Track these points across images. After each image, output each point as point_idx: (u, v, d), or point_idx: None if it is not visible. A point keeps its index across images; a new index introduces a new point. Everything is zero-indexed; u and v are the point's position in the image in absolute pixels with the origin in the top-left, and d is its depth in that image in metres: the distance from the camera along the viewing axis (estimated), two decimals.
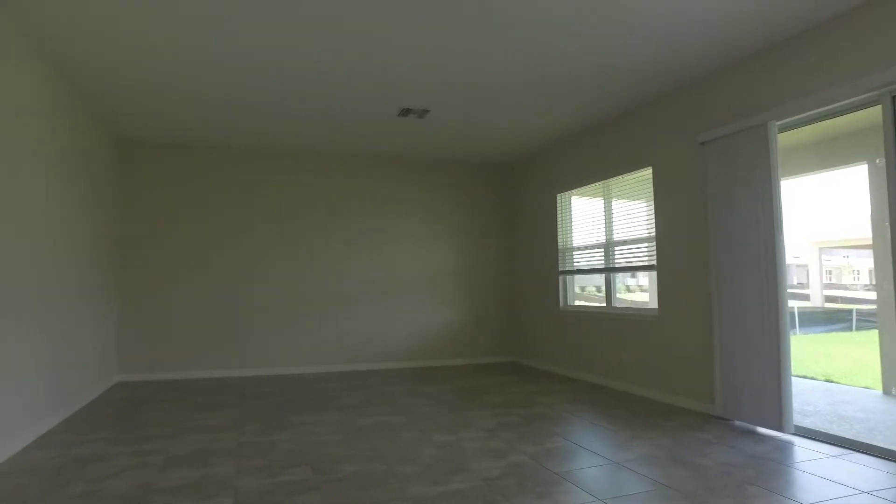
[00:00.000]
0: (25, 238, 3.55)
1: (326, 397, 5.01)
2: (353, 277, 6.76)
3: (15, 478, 2.93)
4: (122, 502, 2.57)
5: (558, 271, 6.43)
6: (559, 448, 3.40)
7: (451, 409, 4.52)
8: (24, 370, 3.55)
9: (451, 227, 7.29)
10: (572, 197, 6.30)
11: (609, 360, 5.46)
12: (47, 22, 3.37)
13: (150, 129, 5.64)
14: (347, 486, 2.76)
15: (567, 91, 4.70)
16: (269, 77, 4.30)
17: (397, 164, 7.09)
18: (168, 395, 5.14)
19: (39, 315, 3.79)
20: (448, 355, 7.14)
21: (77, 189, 4.61)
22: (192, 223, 6.21)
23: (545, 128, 5.79)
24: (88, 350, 4.90)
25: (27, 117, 3.59)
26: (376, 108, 5.09)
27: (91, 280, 4.99)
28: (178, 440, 3.60)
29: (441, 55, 3.94)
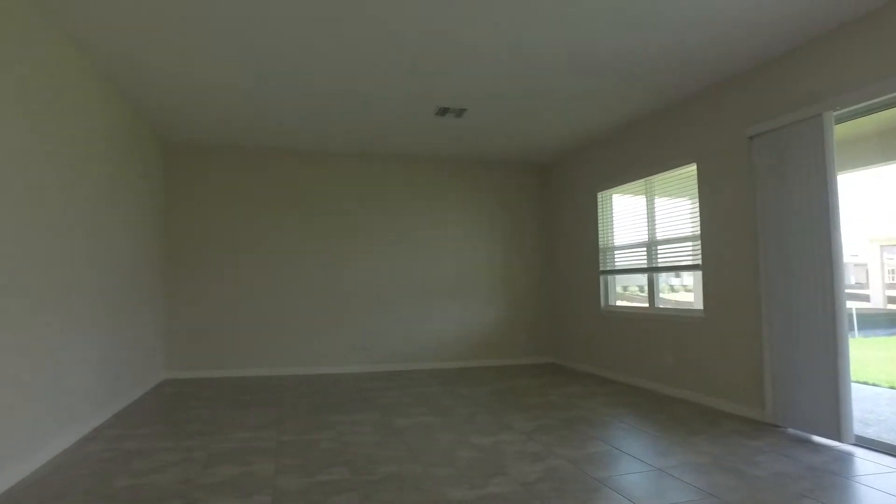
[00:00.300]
0: (79, 238, 3.71)
1: (365, 397, 5.04)
2: (392, 277, 6.80)
3: (70, 469, 3.05)
4: (165, 497, 2.64)
5: (599, 271, 6.29)
6: (599, 453, 3.31)
7: (488, 410, 4.48)
8: (79, 366, 3.71)
9: (489, 227, 7.23)
10: (613, 195, 6.15)
11: (651, 361, 5.30)
12: (98, 34, 3.50)
13: (193, 132, 5.81)
14: (384, 488, 2.76)
15: (609, 87, 4.58)
16: (305, 78, 4.35)
17: (435, 163, 7.08)
18: (212, 392, 5.27)
19: (92, 313, 3.95)
20: (486, 356, 7.09)
21: (125, 191, 4.79)
22: (234, 224, 6.36)
23: (585, 125, 5.67)
24: (137, 348, 5.08)
25: (78, 124, 3.74)
26: (413, 108, 5.09)
27: (139, 279, 5.17)
28: (220, 437, 3.68)
29: (480, 52, 3.90)
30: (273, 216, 6.48)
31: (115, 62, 3.96)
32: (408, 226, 6.91)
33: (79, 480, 2.89)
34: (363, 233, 6.75)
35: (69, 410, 3.56)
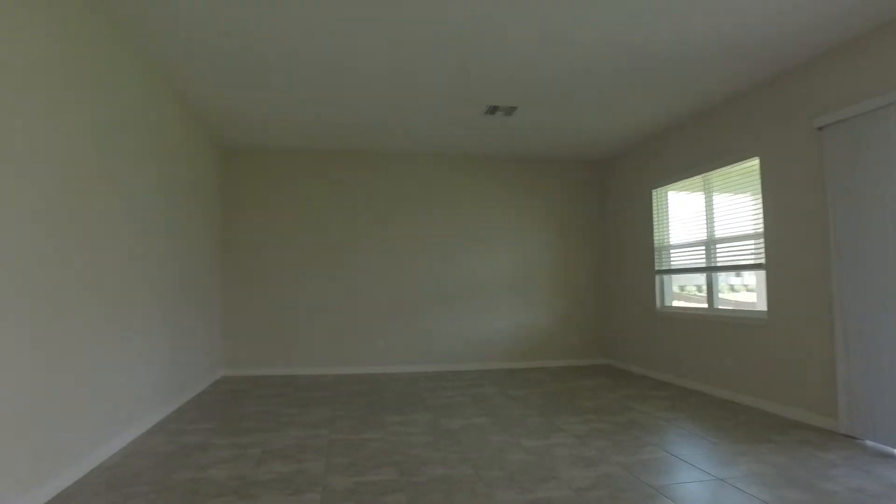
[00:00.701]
0: (145, 241, 3.89)
1: (417, 397, 5.06)
2: (444, 277, 6.81)
3: (136, 460, 3.20)
4: (221, 492, 2.72)
5: (654, 270, 6.09)
6: (655, 459, 3.19)
7: (541, 412, 4.41)
8: (146, 363, 3.89)
9: (541, 226, 7.13)
10: (669, 192, 5.94)
11: (710, 364, 5.08)
12: (161, 45, 3.66)
13: (250, 137, 5.99)
14: (433, 490, 2.75)
15: (666, 80, 4.42)
16: (357, 81, 4.40)
17: (485, 162, 7.04)
18: (267, 390, 5.43)
19: (157, 312, 4.14)
20: (539, 356, 6.99)
21: (187, 195, 4.99)
22: (289, 225, 6.53)
23: (640, 120, 5.50)
24: (197, 346, 5.29)
25: (143, 131, 3.92)
26: (463, 107, 5.07)
27: (199, 280, 5.39)
28: (274, 434, 3.78)
29: (531, 49, 3.84)
30: (326, 217, 6.61)
31: (178, 72, 4.13)
32: (460, 225, 6.90)
33: (143, 472, 3.03)
34: (416, 233, 6.78)
35: (136, 405, 3.74)
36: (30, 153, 2.52)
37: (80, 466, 2.94)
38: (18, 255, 2.42)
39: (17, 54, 2.43)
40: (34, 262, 2.54)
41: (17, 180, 2.42)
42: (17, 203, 2.42)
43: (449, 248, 6.86)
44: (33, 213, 2.54)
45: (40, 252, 2.59)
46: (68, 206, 2.86)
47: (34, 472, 2.54)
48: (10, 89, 2.38)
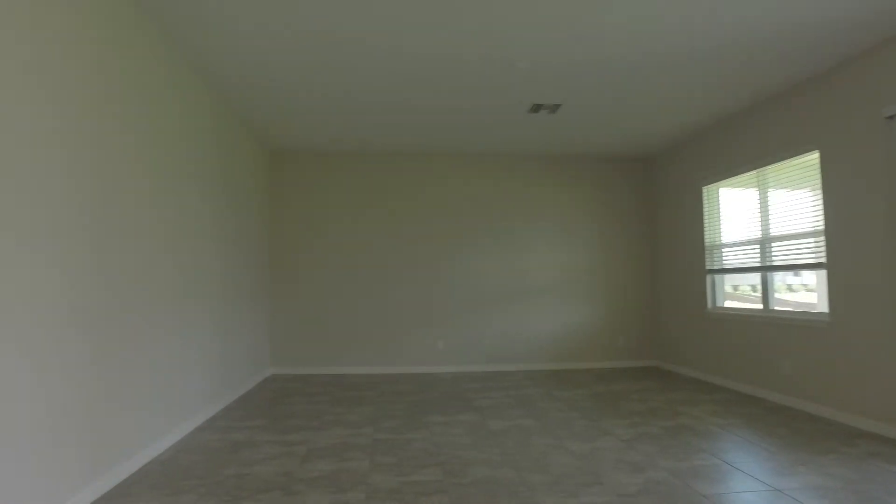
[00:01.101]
0: (196, 240, 4.03)
1: (462, 398, 5.05)
2: (489, 277, 6.77)
3: (187, 455, 3.32)
4: (268, 488, 2.79)
5: (705, 270, 5.87)
6: (707, 466, 3.07)
7: (586, 415, 4.32)
8: (199, 361, 4.03)
9: (587, 224, 7.00)
10: (720, 189, 5.71)
11: (766, 368, 4.86)
12: (210, 53, 3.78)
13: (296, 139, 6.12)
14: (475, 492, 2.73)
15: (717, 72, 4.25)
16: (401, 81, 4.43)
17: (530, 161, 6.97)
18: (314, 388, 5.53)
19: (209, 312, 4.28)
20: (586, 358, 6.87)
21: (234, 196, 5.14)
22: (335, 226, 6.64)
23: (689, 115, 5.31)
24: (246, 344, 5.45)
25: (196, 138, 4.06)
26: (507, 106, 5.02)
27: (247, 280, 5.55)
28: (319, 433, 3.84)
29: (576, 45, 3.76)
30: (371, 218, 6.68)
31: (227, 79, 4.26)
32: (504, 225, 6.86)
33: (194, 466, 3.13)
34: (460, 233, 6.78)
35: (189, 402, 3.88)
36: (112, 169, 2.64)
37: (137, 459, 3.07)
38: (84, 259, 2.55)
39: (103, 74, 2.56)
40: (97, 265, 2.67)
41: (88, 189, 2.54)
42: (82, 210, 2.55)
43: (492, 248, 6.82)
44: (97, 217, 2.67)
45: (103, 255, 2.72)
46: (128, 212, 2.99)
47: (97, 463, 2.67)
48: (96, 109, 2.51)
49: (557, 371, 6.59)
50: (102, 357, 2.74)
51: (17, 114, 2.15)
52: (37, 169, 2.26)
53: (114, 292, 2.86)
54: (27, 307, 2.19)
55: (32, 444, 2.22)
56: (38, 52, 2.28)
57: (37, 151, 2.26)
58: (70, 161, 2.49)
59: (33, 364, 2.23)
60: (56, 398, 2.38)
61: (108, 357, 2.79)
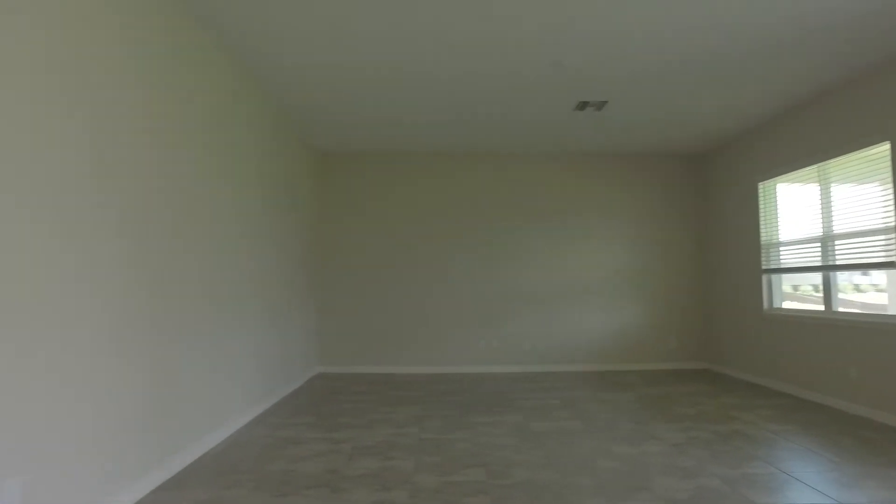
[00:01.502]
0: (250, 241, 4.16)
1: (507, 398, 5.02)
2: (536, 277, 6.71)
3: (238, 449, 3.44)
4: (314, 484, 2.85)
5: (761, 270, 5.62)
6: (761, 475, 2.94)
7: (634, 418, 4.22)
8: (250, 359, 4.17)
9: (635, 224, 6.83)
10: (778, 185, 5.46)
11: (829, 373, 4.61)
12: (262, 59, 3.90)
13: (344, 141, 6.23)
14: (518, 494, 2.71)
15: (774, 62, 4.06)
16: (447, 82, 4.43)
17: (576, 160, 6.85)
18: (361, 387, 5.62)
19: (260, 312, 4.42)
20: (634, 359, 6.71)
21: (284, 197, 5.28)
22: (382, 227, 6.72)
23: (743, 109, 5.09)
24: (296, 343, 5.59)
25: (251, 142, 4.20)
26: (552, 104, 4.96)
27: (296, 279, 5.69)
28: (365, 431, 3.90)
29: (623, 39, 3.67)
30: (418, 218, 6.73)
31: (281, 85, 4.38)
32: (551, 225, 6.77)
33: (244, 460, 3.24)
34: (505, 233, 6.74)
35: (241, 398, 4.02)
36: (179, 174, 2.77)
37: (192, 452, 3.20)
38: (146, 260, 2.68)
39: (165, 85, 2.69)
40: (157, 266, 2.80)
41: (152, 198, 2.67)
42: (147, 212, 2.68)
43: (541, 248, 6.75)
44: (160, 220, 2.80)
45: (164, 256, 2.85)
46: (189, 215, 3.12)
47: (155, 455, 2.80)
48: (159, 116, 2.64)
49: (604, 372, 6.46)
50: (160, 355, 2.87)
51: (106, 128, 2.28)
52: (108, 174, 2.38)
53: (171, 293, 2.98)
54: (92, 307, 2.32)
55: (96, 436, 2.35)
56: (131, 73, 2.41)
57: (118, 156, 2.39)
58: (137, 165, 2.62)
59: (97, 363, 2.36)
60: (117, 394, 2.50)
61: (165, 355, 2.92)
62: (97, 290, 2.37)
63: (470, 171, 6.79)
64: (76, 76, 2.27)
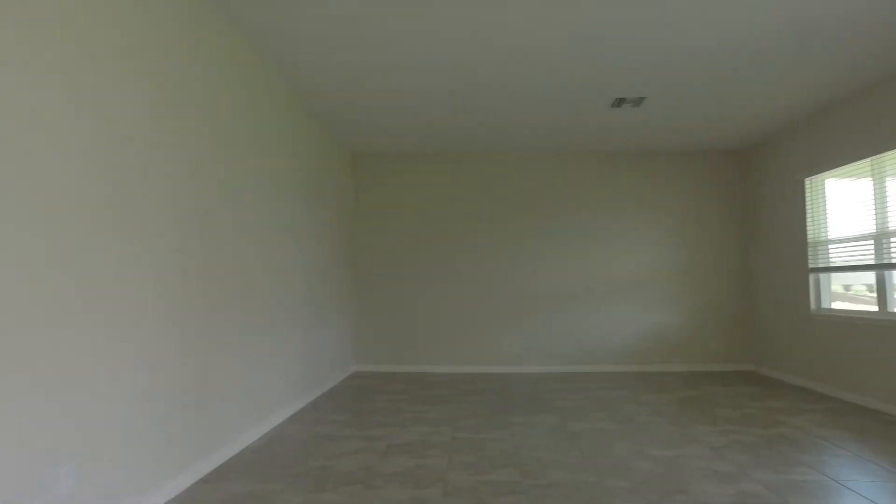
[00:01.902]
0: (288, 242, 4.26)
1: (542, 399, 4.98)
2: (570, 276, 6.64)
3: (275, 445, 3.52)
4: (349, 481, 2.89)
5: (808, 269, 5.41)
6: (809, 482, 2.83)
7: (672, 420, 4.12)
8: (287, 358, 4.26)
9: (674, 221, 6.67)
10: (826, 180, 5.24)
11: (883, 377, 4.39)
12: (302, 68, 3.99)
13: (377, 141, 6.29)
14: (553, 494, 2.69)
15: (823, 51, 3.89)
16: (482, 80, 4.43)
17: (612, 157, 6.74)
18: (396, 386, 5.67)
19: (297, 312, 4.52)
20: (672, 360, 6.55)
21: (323, 200, 5.38)
22: (415, 227, 6.77)
23: (788, 102, 4.91)
24: (332, 342, 5.69)
25: (289, 145, 4.30)
26: (588, 101, 4.89)
27: (334, 280, 5.78)
28: (400, 429, 3.94)
29: (661, 33, 3.59)
30: (451, 218, 6.75)
31: (316, 87, 4.47)
32: (588, 224, 6.69)
33: (281, 456, 3.32)
34: (540, 232, 6.69)
35: (279, 396, 4.11)
36: (223, 177, 2.88)
37: (233, 446, 3.30)
38: (193, 261, 2.78)
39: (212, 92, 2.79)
40: (203, 267, 2.90)
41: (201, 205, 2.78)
42: (192, 215, 2.78)
43: (577, 247, 6.67)
44: (207, 222, 2.90)
45: (210, 256, 2.95)
46: (232, 216, 3.22)
47: (198, 448, 2.90)
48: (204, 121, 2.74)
49: (642, 373, 6.33)
50: (205, 353, 2.97)
51: (168, 140, 2.38)
52: (156, 174, 2.49)
53: (216, 293, 3.08)
54: (141, 308, 2.42)
55: (144, 428, 2.45)
56: (188, 84, 2.51)
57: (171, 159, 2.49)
58: (186, 167, 2.72)
59: (147, 360, 2.46)
60: (164, 390, 2.60)
61: (209, 353, 3.02)
62: (147, 291, 2.47)
63: (503, 170, 6.76)
64: (140, 82, 2.37)
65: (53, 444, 1.97)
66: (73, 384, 2.06)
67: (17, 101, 1.84)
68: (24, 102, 1.87)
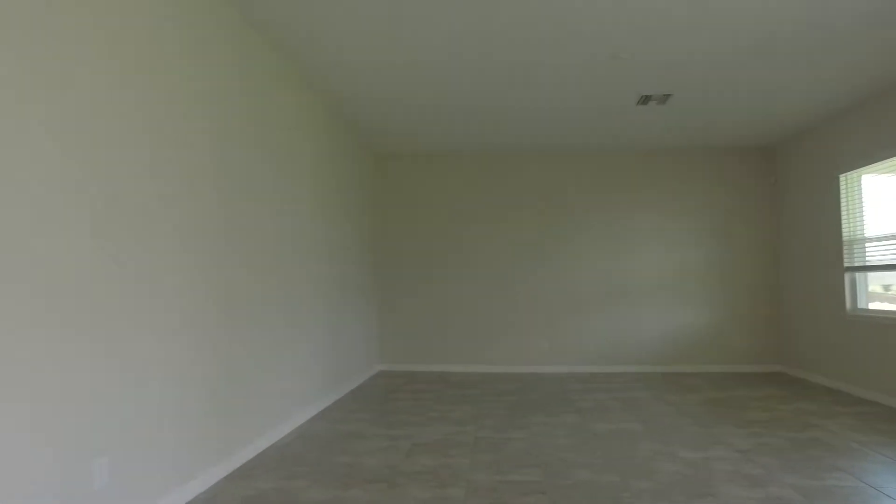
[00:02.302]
0: (313, 242, 4.31)
1: (565, 399, 4.95)
2: (595, 275, 6.57)
3: (301, 442, 3.57)
4: (373, 478, 2.92)
5: (843, 267, 5.25)
6: (845, 488, 2.75)
7: (698, 421, 4.05)
8: (313, 357, 4.32)
9: (701, 220, 6.55)
10: (862, 176, 5.08)
11: None
12: (321, 66, 4.03)
13: (399, 142, 6.31)
14: (576, 494, 2.67)
15: (860, 41, 3.76)
16: (502, 78, 4.40)
17: (637, 155, 6.65)
18: (420, 385, 5.68)
19: (322, 311, 4.57)
20: (699, 361, 6.43)
21: (345, 198, 5.43)
22: (439, 227, 6.77)
23: (822, 96, 4.76)
24: (357, 341, 5.74)
25: (313, 146, 4.35)
26: (612, 99, 4.83)
27: (358, 279, 5.83)
28: (423, 428, 3.95)
29: (688, 27, 3.51)
30: (476, 218, 6.73)
31: (338, 91, 4.50)
32: (611, 223, 6.60)
33: (307, 453, 3.36)
34: (564, 232, 6.64)
35: (305, 394, 4.17)
36: (249, 178, 2.93)
37: (258, 444, 3.35)
38: (224, 262, 2.84)
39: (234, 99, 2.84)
40: (233, 268, 2.96)
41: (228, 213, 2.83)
42: (224, 217, 2.83)
43: (599, 246, 6.60)
44: (236, 225, 2.96)
45: (240, 258, 3.01)
46: (258, 217, 3.27)
47: (225, 446, 2.96)
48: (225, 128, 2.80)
49: (668, 374, 6.23)
50: (232, 353, 3.03)
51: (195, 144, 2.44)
52: (194, 174, 2.55)
53: (243, 294, 3.14)
54: (172, 308, 2.48)
55: (174, 425, 2.51)
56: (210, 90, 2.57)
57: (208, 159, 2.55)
58: (222, 168, 2.78)
59: (177, 360, 2.52)
60: (194, 388, 2.66)
61: (237, 353, 3.08)
62: (183, 298, 2.53)
63: (524, 169, 6.72)
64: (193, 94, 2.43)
65: (91, 440, 2.03)
66: (111, 384, 2.12)
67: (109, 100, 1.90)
68: (115, 98, 1.93)
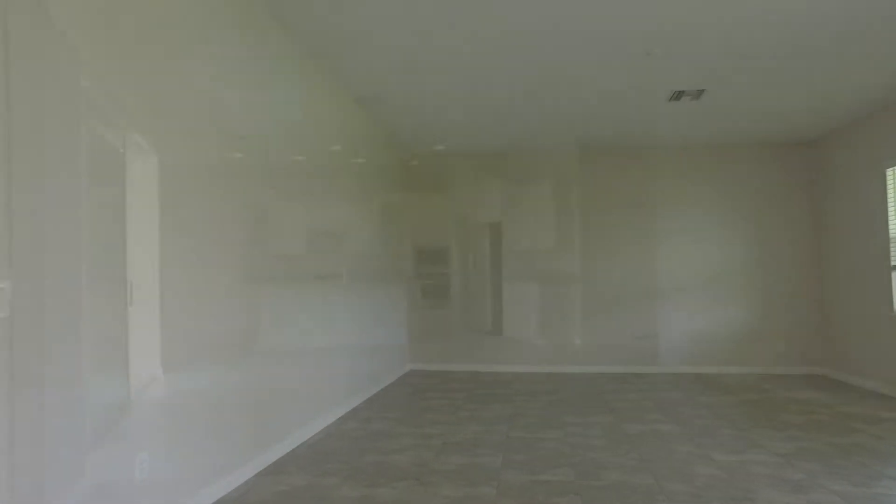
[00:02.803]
0: (346, 244, 4.37)
1: (599, 399, 4.88)
2: (631, 275, 6.45)
3: (332, 441, 3.61)
4: (403, 476, 2.93)
5: (889, 266, 5.04)
6: (892, 496, 2.64)
7: (735, 424, 3.94)
8: (344, 356, 4.39)
9: (739, 218, 6.36)
10: None
11: None
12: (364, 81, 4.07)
13: (431, 141, 6.31)
14: (609, 495, 2.63)
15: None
16: (535, 75, 4.32)
17: (670, 152, 6.49)
18: (451, 385, 5.67)
19: (355, 311, 4.64)
20: (737, 362, 6.26)
21: (379, 196, 5.50)
22: (468, 225, 6.76)
23: (865, 90, 4.57)
24: (388, 341, 5.79)
25: (352, 151, 4.41)
26: (645, 95, 4.74)
27: (387, 279, 5.87)
28: (454, 427, 3.94)
29: (723, 20, 3.40)
30: (507, 218, 6.66)
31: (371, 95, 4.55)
32: (646, 222, 6.46)
33: (338, 451, 3.40)
34: (600, 232, 6.52)
35: (336, 393, 4.24)
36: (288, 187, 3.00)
37: (290, 441, 3.41)
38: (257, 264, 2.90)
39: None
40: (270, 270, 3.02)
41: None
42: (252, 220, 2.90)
43: (635, 246, 6.47)
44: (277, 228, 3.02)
45: (273, 260, 3.07)
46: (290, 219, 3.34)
47: (258, 442, 3.02)
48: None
49: (703, 375, 6.08)
50: (268, 354, 3.10)
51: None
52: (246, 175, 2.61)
53: (273, 294, 3.20)
54: (217, 320, 2.54)
55: (211, 422, 2.58)
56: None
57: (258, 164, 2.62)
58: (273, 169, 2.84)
59: (215, 361, 2.58)
60: (230, 387, 2.73)
61: (271, 353, 3.16)
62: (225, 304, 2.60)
63: (556, 166, 6.64)
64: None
65: (133, 436, 2.11)
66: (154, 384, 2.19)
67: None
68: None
